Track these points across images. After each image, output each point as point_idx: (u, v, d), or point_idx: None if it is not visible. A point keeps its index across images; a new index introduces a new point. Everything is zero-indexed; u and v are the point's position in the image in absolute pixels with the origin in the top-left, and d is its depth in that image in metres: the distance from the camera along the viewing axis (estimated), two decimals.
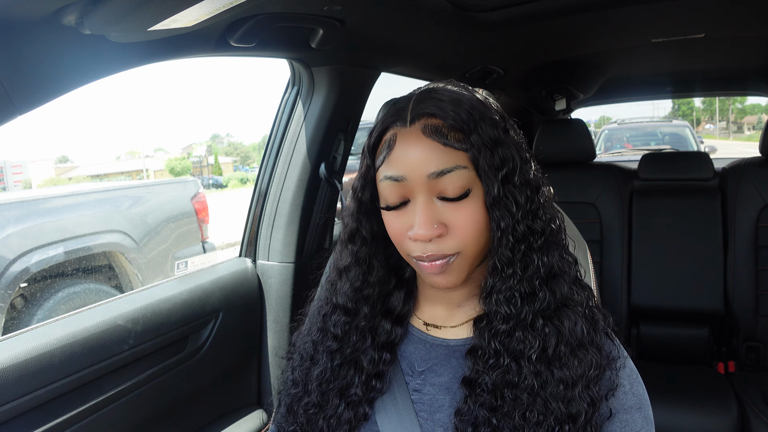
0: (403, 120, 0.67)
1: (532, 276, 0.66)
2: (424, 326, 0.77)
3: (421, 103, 0.67)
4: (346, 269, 0.76)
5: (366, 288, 0.75)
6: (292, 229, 1.56)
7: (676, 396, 1.89)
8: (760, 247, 2.24)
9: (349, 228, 0.76)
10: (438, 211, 0.65)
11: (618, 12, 1.58)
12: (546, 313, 0.66)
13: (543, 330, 0.66)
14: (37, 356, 0.97)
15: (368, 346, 0.75)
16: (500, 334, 0.67)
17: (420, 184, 0.65)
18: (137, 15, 0.74)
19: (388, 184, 0.67)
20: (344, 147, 1.61)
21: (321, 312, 0.80)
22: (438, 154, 0.64)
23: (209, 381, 1.38)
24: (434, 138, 0.65)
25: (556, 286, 0.67)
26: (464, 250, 0.66)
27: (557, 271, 0.68)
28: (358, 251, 0.75)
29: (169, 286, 1.33)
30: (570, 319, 0.67)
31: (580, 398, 0.63)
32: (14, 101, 0.73)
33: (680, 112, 33.72)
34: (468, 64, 1.95)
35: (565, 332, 0.66)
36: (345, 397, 0.74)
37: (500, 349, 0.66)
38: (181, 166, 29.17)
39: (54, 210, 3.42)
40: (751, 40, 2.06)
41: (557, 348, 0.65)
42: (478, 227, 0.66)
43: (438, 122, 0.65)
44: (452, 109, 0.65)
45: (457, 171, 0.64)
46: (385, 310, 0.77)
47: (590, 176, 2.52)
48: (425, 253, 0.65)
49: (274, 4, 1.04)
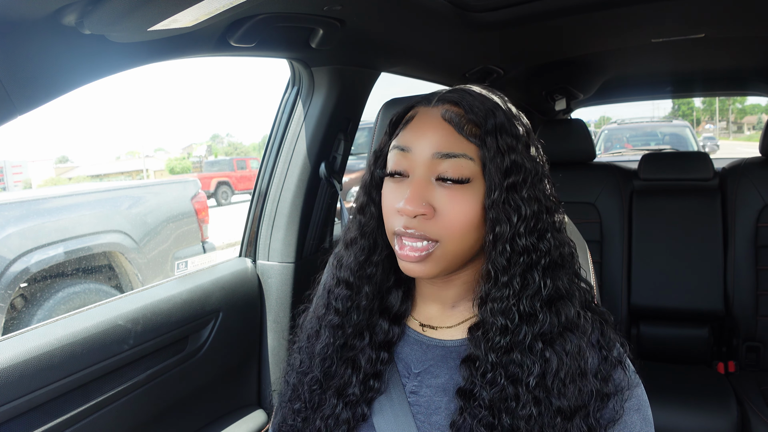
0: (428, 101, 0.71)
1: (533, 296, 0.65)
2: (420, 327, 0.77)
3: (451, 93, 0.70)
4: (352, 241, 0.77)
5: (369, 266, 0.75)
6: (292, 229, 1.56)
7: (676, 396, 1.89)
8: (760, 247, 2.24)
9: (360, 200, 0.77)
10: (432, 192, 0.66)
11: (618, 12, 1.58)
12: (547, 337, 0.64)
13: (543, 354, 0.64)
14: (37, 356, 0.97)
15: (366, 344, 0.75)
16: (497, 348, 0.65)
17: (423, 161, 0.66)
18: (137, 15, 0.74)
19: (395, 153, 0.69)
20: (344, 147, 1.61)
21: (326, 287, 0.81)
22: (449, 137, 0.66)
23: (209, 381, 1.38)
24: (451, 122, 0.66)
25: (561, 309, 0.65)
26: (445, 240, 0.66)
27: (563, 293, 0.66)
28: (366, 224, 0.76)
29: (169, 286, 1.33)
30: (573, 344, 0.64)
31: (577, 428, 0.62)
32: (14, 101, 0.73)
33: (680, 112, 33.71)
34: (468, 64, 1.95)
35: (565, 359, 0.63)
36: (343, 396, 0.74)
37: (497, 363, 0.65)
38: (181, 166, 29.16)
39: (54, 210, 3.42)
40: (751, 40, 2.06)
41: (557, 375, 0.63)
42: (466, 222, 0.65)
43: (459, 111, 0.67)
44: (477, 105, 0.67)
45: (462, 159, 0.65)
46: (383, 308, 0.77)
47: (590, 176, 2.52)
48: (406, 228, 0.65)
49: (274, 4, 1.04)
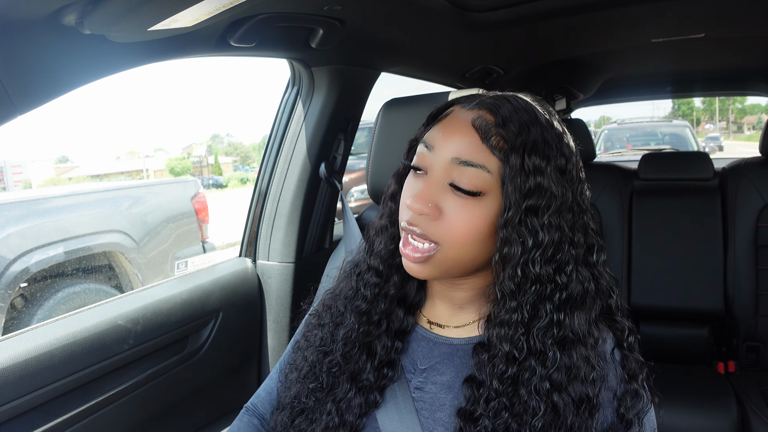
0: (467, 102, 0.69)
1: (544, 331, 0.63)
2: (427, 324, 0.77)
3: (492, 98, 0.68)
4: (383, 229, 0.78)
5: (399, 255, 0.73)
6: (292, 229, 1.56)
7: (676, 396, 1.89)
8: (760, 247, 2.24)
9: (391, 188, 0.78)
10: (443, 195, 0.65)
11: (618, 12, 1.58)
12: (555, 382, 0.62)
13: (551, 398, 0.62)
14: (37, 356, 0.97)
15: (383, 331, 0.75)
16: (502, 378, 0.64)
17: (442, 162, 0.66)
18: (137, 15, 0.74)
19: (422, 149, 0.69)
20: (344, 147, 1.61)
21: (355, 271, 0.80)
22: (472, 145, 0.64)
23: (209, 381, 1.38)
24: (478, 131, 0.65)
25: (573, 352, 0.63)
26: (445, 245, 0.65)
27: (579, 337, 0.64)
28: (395, 212, 0.76)
29: (169, 286, 1.33)
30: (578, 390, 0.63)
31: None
32: (14, 101, 0.73)
33: (680, 112, 33.71)
34: (468, 64, 1.95)
35: (572, 408, 0.62)
36: (356, 381, 0.74)
37: (502, 393, 0.63)
38: (181, 166, 29.16)
39: (54, 210, 3.42)
40: (751, 40, 2.06)
41: (564, 425, 0.61)
42: (470, 232, 0.64)
43: (491, 119, 0.65)
44: (513, 117, 0.64)
45: (480, 170, 0.64)
46: (401, 297, 0.77)
47: (590, 176, 2.49)
48: (410, 224, 0.66)
49: (274, 4, 1.04)
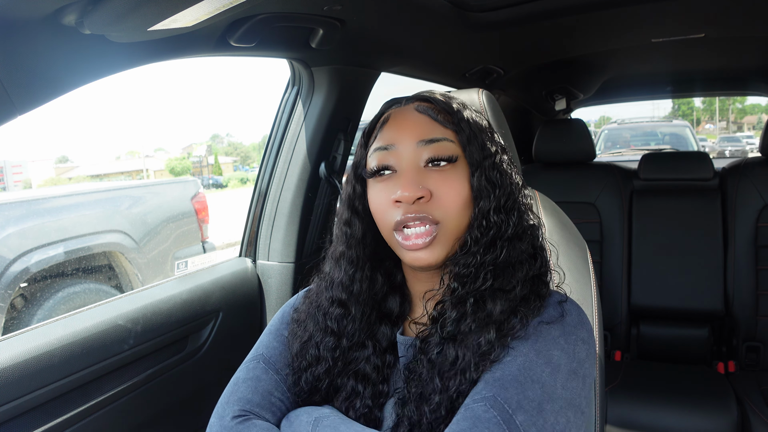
0: (399, 103, 0.76)
1: (488, 263, 0.68)
2: (413, 326, 0.77)
3: (417, 94, 0.77)
4: (341, 256, 0.77)
5: (361, 277, 0.76)
6: (292, 229, 1.56)
7: (676, 396, 1.89)
8: (760, 247, 2.24)
9: (343, 216, 0.78)
10: (424, 177, 0.69)
11: (618, 12, 1.58)
12: (478, 295, 0.68)
13: (473, 309, 0.67)
14: (37, 356, 0.97)
15: (370, 354, 0.75)
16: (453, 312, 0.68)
17: (409, 151, 0.70)
18: (137, 15, 0.74)
19: (378, 154, 0.71)
20: (344, 147, 1.61)
21: (320, 310, 0.78)
22: (429, 125, 0.71)
23: (209, 381, 1.38)
24: (426, 113, 0.72)
25: (502, 275, 0.69)
26: (445, 220, 0.68)
27: (513, 261, 0.69)
28: (352, 236, 0.77)
29: (169, 286, 1.33)
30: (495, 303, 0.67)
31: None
32: (14, 101, 0.73)
33: (680, 112, 33.67)
34: (468, 64, 1.95)
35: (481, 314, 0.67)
36: (355, 410, 0.73)
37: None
38: (181, 166, 29.14)
39: (54, 210, 3.42)
40: (751, 40, 2.06)
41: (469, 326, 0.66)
42: (460, 200, 0.69)
43: (430, 104, 0.73)
44: (441, 99, 0.74)
45: (444, 142, 0.70)
46: (383, 315, 0.77)
47: (590, 176, 2.52)
48: (410, 214, 0.67)
49: (274, 4, 1.04)
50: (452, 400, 0.64)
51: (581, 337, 0.67)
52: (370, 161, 0.72)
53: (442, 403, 0.64)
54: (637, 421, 1.84)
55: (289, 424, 0.70)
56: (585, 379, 0.65)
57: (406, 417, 0.68)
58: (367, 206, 0.75)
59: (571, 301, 0.71)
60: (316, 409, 0.71)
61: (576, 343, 0.66)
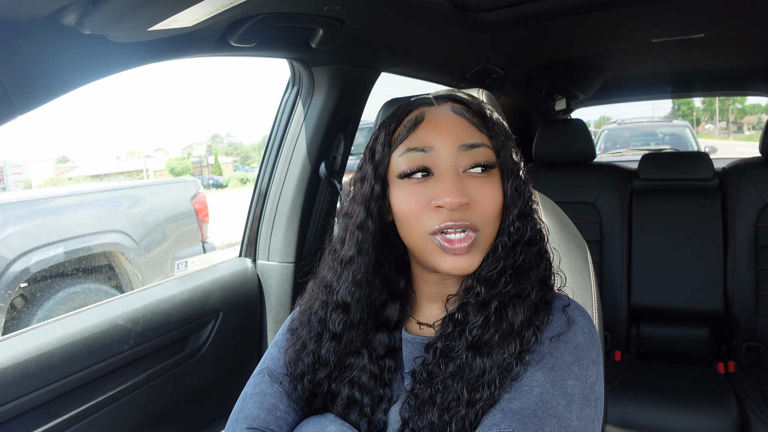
0: (429, 102, 0.73)
1: (510, 265, 0.69)
2: (417, 326, 0.77)
3: (445, 93, 0.74)
4: (350, 260, 0.73)
5: (368, 285, 0.73)
6: (292, 229, 1.56)
7: (676, 396, 1.89)
8: (760, 247, 2.24)
9: (358, 217, 0.72)
10: (464, 183, 0.67)
11: (618, 12, 1.58)
12: (502, 299, 0.68)
13: (497, 313, 0.67)
14: (37, 356, 0.97)
15: (366, 362, 0.74)
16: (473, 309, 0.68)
17: (448, 155, 0.68)
18: (137, 15, 0.74)
19: (412, 155, 0.69)
20: (344, 147, 1.61)
21: (317, 317, 0.77)
22: (467, 129, 0.70)
23: (209, 381, 1.38)
24: (464, 116, 0.71)
25: (520, 281, 0.69)
26: (484, 227, 0.68)
27: (528, 266, 0.70)
28: (363, 241, 0.72)
29: (169, 286, 1.33)
30: (515, 309, 0.68)
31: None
32: (14, 101, 0.73)
33: (680, 112, 33.66)
34: (468, 64, 1.95)
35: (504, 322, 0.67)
36: (355, 417, 0.73)
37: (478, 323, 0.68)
38: (181, 166, 29.14)
39: (54, 210, 3.42)
40: (751, 40, 2.06)
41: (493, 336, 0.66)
42: (496, 207, 0.68)
43: (464, 107, 0.72)
44: (472, 101, 0.73)
45: (484, 148, 0.69)
46: (380, 323, 0.77)
47: (590, 176, 2.52)
48: (449, 221, 0.65)
49: (274, 4, 1.04)
50: (477, 414, 0.64)
51: (592, 359, 0.67)
52: (400, 162, 0.69)
53: (467, 417, 0.64)
54: (637, 421, 1.84)
55: None
56: (597, 403, 0.66)
57: (420, 422, 0.66)
58: (383, 209, 0.72)
59: (574, 305, 0.72)
60: (322, 427, 0.71)
61: (588, 367, 0.66)
